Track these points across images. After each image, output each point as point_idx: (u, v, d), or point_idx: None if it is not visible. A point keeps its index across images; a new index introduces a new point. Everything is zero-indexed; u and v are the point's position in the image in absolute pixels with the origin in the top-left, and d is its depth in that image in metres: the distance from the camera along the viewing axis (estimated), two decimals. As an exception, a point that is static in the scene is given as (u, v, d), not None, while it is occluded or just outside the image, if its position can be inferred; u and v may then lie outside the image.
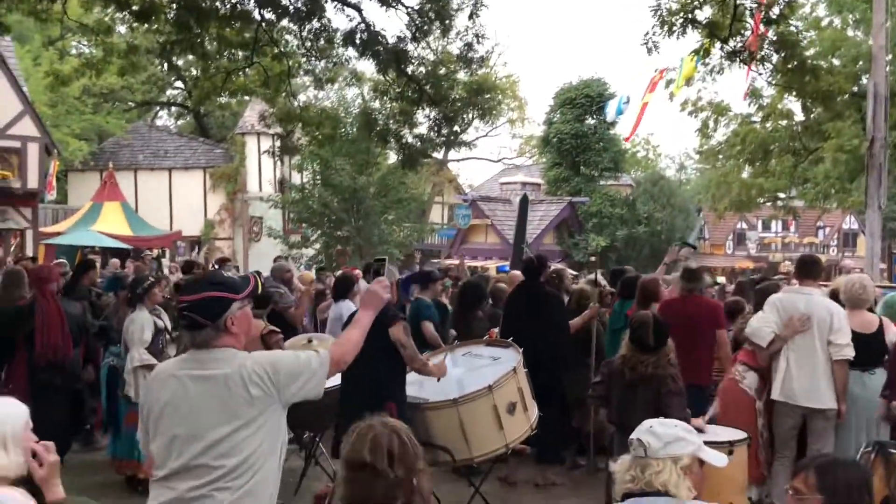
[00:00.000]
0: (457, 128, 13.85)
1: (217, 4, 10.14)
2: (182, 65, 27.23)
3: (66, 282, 7.89)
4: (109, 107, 30.78)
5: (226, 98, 17.87)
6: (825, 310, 5.53)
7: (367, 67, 28.10)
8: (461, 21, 11.21)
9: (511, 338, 6.16)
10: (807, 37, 19.25)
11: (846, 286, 5.87)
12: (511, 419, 5.45)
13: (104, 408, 7.33)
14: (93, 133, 29.08)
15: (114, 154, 27.48)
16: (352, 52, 11.04)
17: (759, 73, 11.08)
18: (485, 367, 5.83)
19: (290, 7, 10.26)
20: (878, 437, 5.04)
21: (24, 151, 20.70)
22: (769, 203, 25.77)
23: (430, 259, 27.73)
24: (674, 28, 9.54)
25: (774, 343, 5.58)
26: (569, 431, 7.16)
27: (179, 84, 34.64)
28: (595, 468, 6.97)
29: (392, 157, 20.84)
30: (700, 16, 9.80)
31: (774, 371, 5.63)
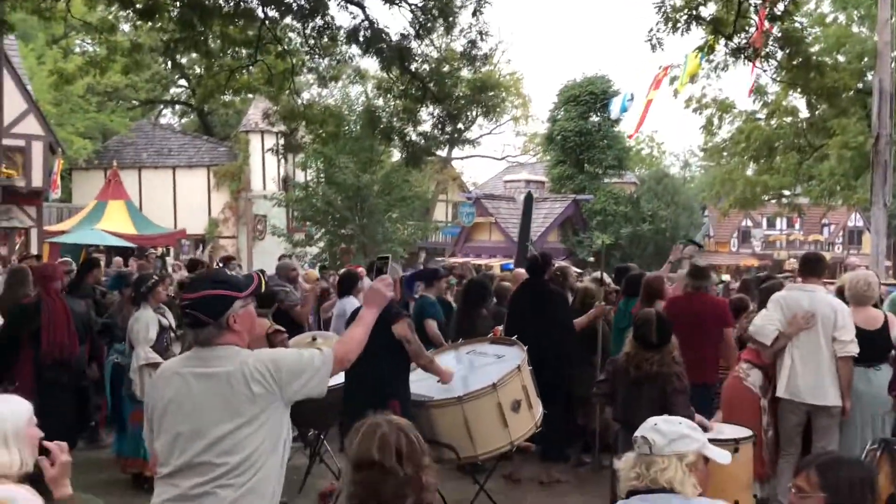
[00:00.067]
0: (460, 125, 13.87)
1: (220, 2, 10.14)
2: (186, 63, 27.24)
3: (71, 280, 7.91)
4: (113, 105, 30.85)
5: (229, 96, 17.92)
6: (829, 307, 5.52)
7: (371, 65, 28.07)
8: (465, 18, 11.22)
9: (515, 336, 6.16)
10: (812, 33, 19.21)
11: (851, 282, 5.86)
12: (515, 417, 5.45)
13: (109, 405, 7.35)
14: (97, 131, 29.15)
15: (118, 152, 27.54)
16: (355, 50, 11.03)
17: (764, 70, 11.06)
18: (489, 365, 5.82)
19: (294, 4, 10.25)
20: (884, 435, 5.03)
21: (29, 150, 20.76)
22: (774, 200, 25.70)
23: (434, 257, 27.72)
24: (678, 25, 9.51)
25: (778, 340, 5.57)
26: (573, 429, 7.16)
27: (183, 82, 34.67)
28: (600, 466, 6.96)
29: (396, 155, 20.84)
30: (704, 12, 9.77)
31: (779, 369, 5.62)
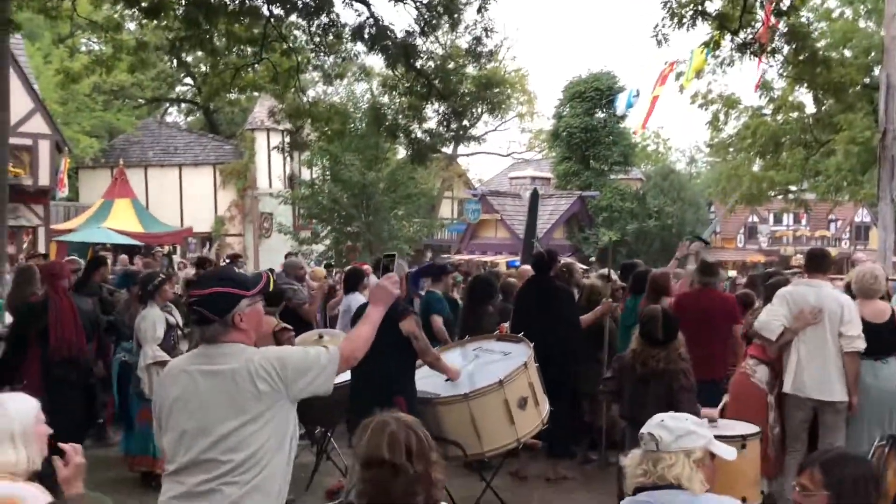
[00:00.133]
0: (466, 122, 13.84)
1: (226, 0, 10.16)
2: (191, 61, 27.21)
3: (78, 278, 7.93)
4: (119, 104, 30.87)
5: (235, 94, 17.91)
6: (836, 302, 5.51)
7: (376, 62, 28.06)
8: (470, 15, 11.21)
9: (521, 332, 6.16)
10: (818, 28, 19.13)
11: (858, 276, 5.85)
12: (522, 414, 5.45)
13: (116, 404, 7.37)
14: (103, 130, 29.19)
15: (124, 151, 27.59)
16: (360, 47, 11.05)
17: (770, 66, 11.03)
18: (496, 362, 5.82)
19: (299, 2, 10.26)
20: (892, 431, 5.01)
21: (36, 149, 20.81)
22: (780, 196, 25.62)
23: (440, 254, 27.73)
24: (684, 20, 9.50)
25: (784, 335, 5.56)
26: (580, 426, 7.15)
27: (189, 80, 34.70)
28: (606, 463, 6.96)
29: (401, 153, 20.84)
30: (710, 7, 9.76)
31: (786, 364, 5.61)
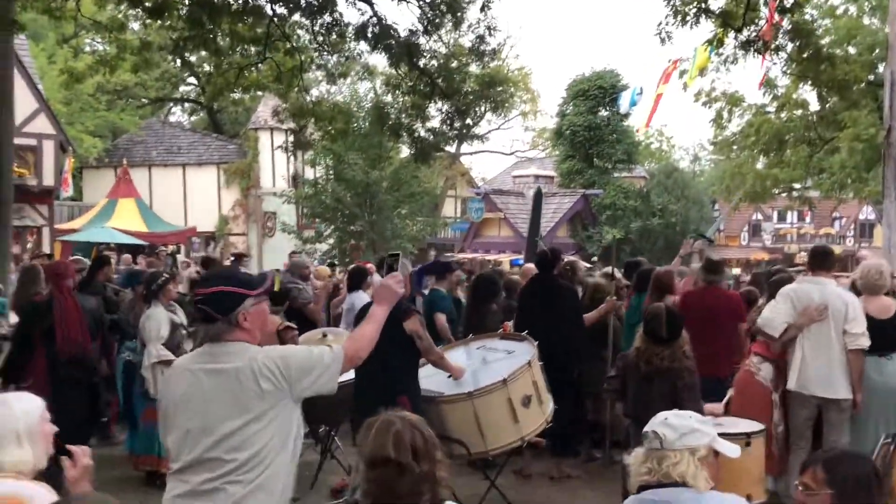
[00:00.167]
0: (469, 121, 13.85)
1: (229, 0, 10.17)
2: (195, 61, 27.32)
3: (82, 278, 7.94)
4: (123, 104, 30.92)
5: (239, 94, 17.94)
6: (840, 299, 5.50)
7: (380, 61, 28.08)
8: (473, 13, 11.21)
9: (525, 331, 6.16)
10: (822, 25, 19.08)
11: (862, 272, 5.85)
12: (526, 412, 5.45)
13: (121, 403, 7.38)
14: (107, 130, 29.24)
15: (128, 151, 27.64)
16: (364, 46, 11.05)
17: (774, 63, 11.01)
18: (499, 361, 5.82)
19: (302, 1, 10.27)
20: (897, 428, 5.00)
21: (40, 149, 20.88)
22: (784, 194, 25.56)
23: (444, 253, 27.71)
24: (687, 18, 9.48)
25: (788, 332, 5.55)
26: (584, 424, 7.15)
27: (192, 80, 34.76)
28: (610, 461, 6.95)
29: (404, 152, 20.84)
30: (713, 5, 9.75)
31: (790, 361, 5.60)
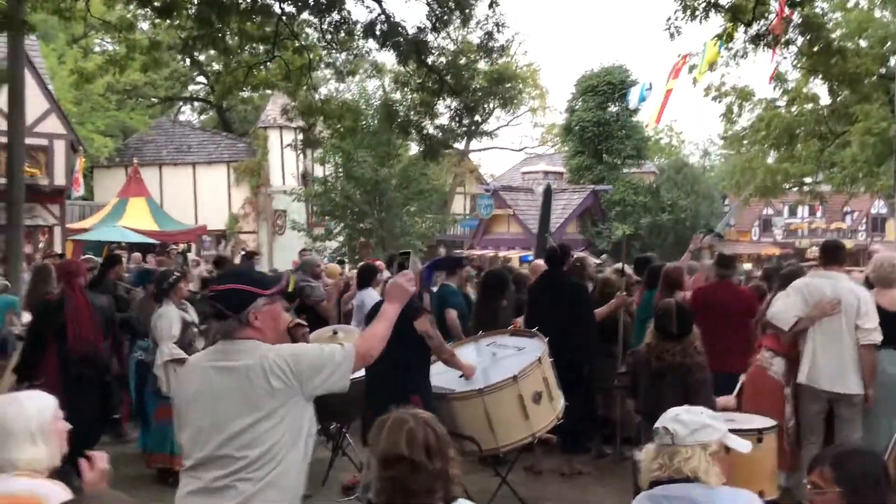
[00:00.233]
0: (478, 118, 13.84)
1: (238, -1, 10.19)
2: (204, 60, 27.37)
3: (93, 276, 7.99)
4: (133, 103, 31.03)
5: (248, 92, 17.95)
6: (852, 294, 5.47)
7: (388, 59, 28.08)
8: (481, 10, 11.18)
9: (535, 327, 6.15)
10: (832, 18, 18.95)
11: (875, 265, 5.84)
12: (537, 409, 5.45)
13: (133, 401, 7.42)
14: (117, 129, 29.36)
15: (138, 150, 27.74)
16: (372, 44, 11.05)
17: (784, 57, 10.94)
18: (510, 357, 5.82)
19: (310, 0, 10.27)
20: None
21: (51, 149, 20.99)
22: (795, 189, 25.44)
23: (453, 250, 27.71)
24: (696, 12, 9.44)
25: (798, 325, 5.53)
26: (594, 420, 7.14)
27: (202, 79, 34.83)
28: (621, 457, 6.94)
29: (413, 149, 20.84)
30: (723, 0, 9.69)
31: (802, 355, 5.58)
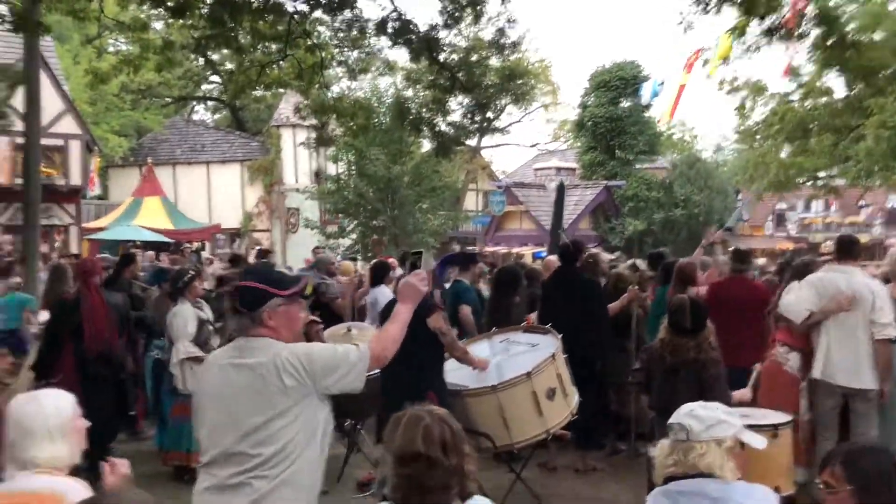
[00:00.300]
0: (490, 114, 13.82)
1: (250, -2, 10.20)
2: (217, 59, 27.50)
3: (108, 275, 8.05)
4: (147, 103, 31.20)
5: (261, 91, 18.01)
6: (866, 288, 5.45)
7: (400, 56, 28.05)
8: (493, 7, 11.18)
9: (549, 324, 6.15)
10: (847, 11, 18.78)
11: (891, 259, 5.82)
12: (551, 405, 5.45)
13: (150, 399, 7.48)
14: (131, 129, 29.53)
15: (152, 149, 27.89)
16: (384, 42, 11.06)
17: (798, 51, 10.87)
18: (523, 354, 5.83)
19: (322, -2, 10.29)
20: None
21: (67, 149, 21.13)
22: (809, 183, 25.25)
23: (466, 247, 27.72)
24: (709, 6, 9.37)
25: (811, 318, 5.51)
26: (609, 416, 7.13)
27: (215, 78, 34.98)
28: (635, 453, 6.93)
29: (426, 146, 20.85)
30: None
31: (816, 350, 5.56)
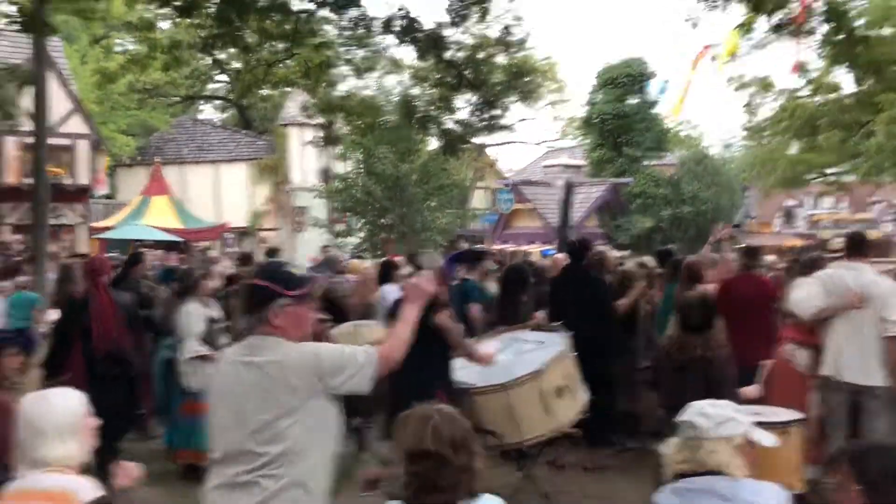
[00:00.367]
0: (497, 112, 13.80)
1: (256, -4, 10.21)
2: (224, 58, 27.53)
3: (117, 274, 8.07)
4: (154, 102, 31.26)
5: (268, 90, 18.03)
6: (876, 286, 5.42)
7: (407, 54, 28.04)
8: (500, 4, 11.17)
9: (557, 322, 6.14)
10: (855, 6, 18.69)
11: None
12: (559, 403, 5.45)
13: (159, 398, 7.49)
14: (139, 128, 29.60)
15: (160, 149, 27.94)
16: (391, 40, 11.06)
17: (808, 46, 10.82)
18: (532, 352, 5.82)
19: (328, -3, 10.29)
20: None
21: (75, 149, 21.23)
22: (819, 179, 25.14)
23: (474, 245, 27.70)
24: (717, 2, 9.35)
25: (819, 314, 5.49)
26: (618, 414, 7.12)
27: (222, 77, 35.01)
28: (644, 451, 6.91)
29: (433, 144, 20.83)
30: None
31: (825, 347, 5.54)
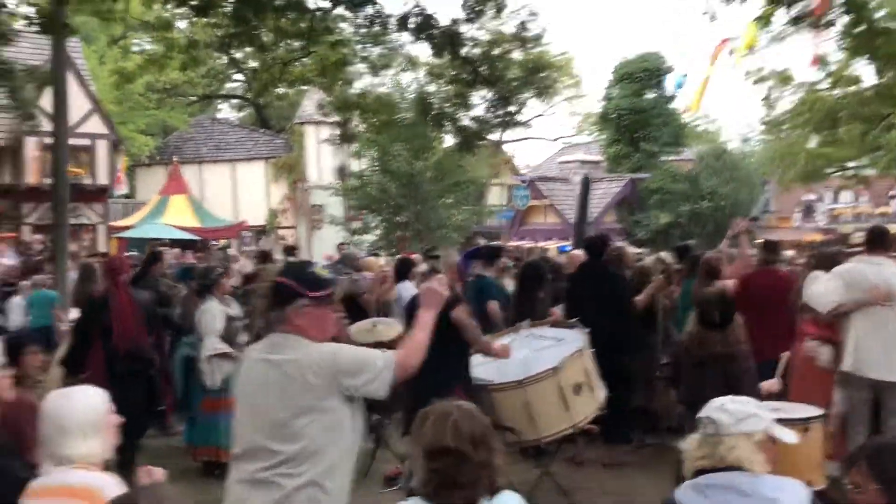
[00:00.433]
0: (513, 108, 13.75)
1: (273, -5, 10.23)
2: (240, 57, 27.63)
3: (136, 273, 8.15)
4: (172, 102, 31.44)
5: (284, 88, 18.08)
6: None
7: (422, 51, 28.06)
8: (515, 0, 11.15)
9: (575, 318, 6.13)
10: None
11: None
12: (578, 399, 5.43)
13: (179, 395, 7.55)
14: (157, 128, 29.79)
15: (178, 148, 28.13)
16: (406, 37, 11.05)
17: (827, 39, 10.72)
18: (550, 349, 5.81)
19: (343, -6, 10.30)
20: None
21: (94, 149, 21.41)
22: (838, 173, 24.85)
23: (490, 241, 27.65)
24: (734, -6, 9.28)
25: (839, 309, 5.44)
26: (636, 411, 7.09)
27: (239, 76, 35.14)
28: (663, 447, 6.88)
29: (449, 141, 20.81)
30: (762, -20, 9.50)
31: (846, 342, 5.49)
